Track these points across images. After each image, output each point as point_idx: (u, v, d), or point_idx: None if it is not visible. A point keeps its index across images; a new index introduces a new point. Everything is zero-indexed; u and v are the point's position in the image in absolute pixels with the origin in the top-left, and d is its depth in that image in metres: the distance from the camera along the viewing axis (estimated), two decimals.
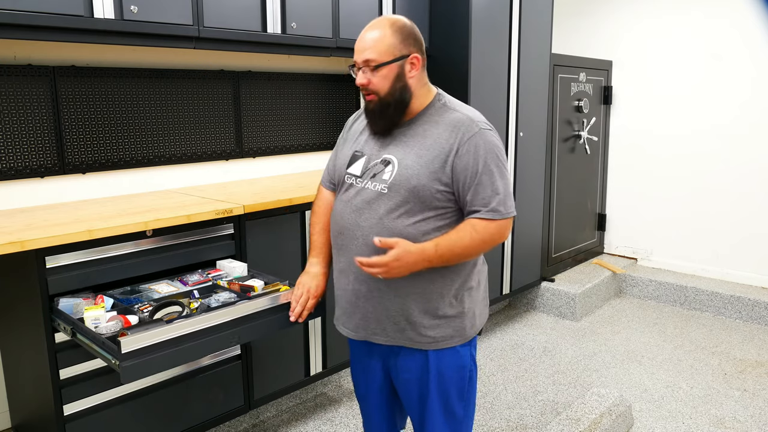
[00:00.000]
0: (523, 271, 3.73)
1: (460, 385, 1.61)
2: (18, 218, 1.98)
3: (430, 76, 1.59)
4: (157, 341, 1.53)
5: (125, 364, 1.47)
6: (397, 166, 1.47)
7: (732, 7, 3.90)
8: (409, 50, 1.48)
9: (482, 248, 1.49)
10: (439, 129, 1.49)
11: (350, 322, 1.62)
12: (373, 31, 1.48)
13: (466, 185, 1.45)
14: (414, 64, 1.49)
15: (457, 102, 1.57)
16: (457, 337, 1.57)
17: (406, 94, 1.49)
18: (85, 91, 2.33)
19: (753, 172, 3.93)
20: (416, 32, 1.51)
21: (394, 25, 1.47)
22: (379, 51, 1.46)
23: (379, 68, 1.46)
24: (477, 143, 1.46)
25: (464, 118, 1.49)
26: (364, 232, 1.50)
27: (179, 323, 1.59)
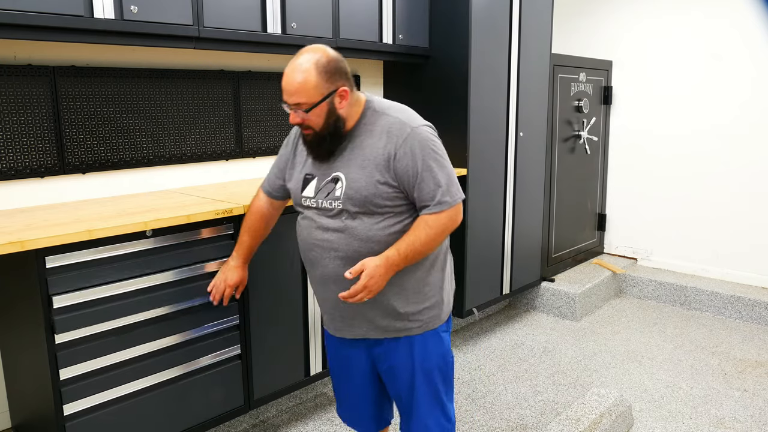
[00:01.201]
0: (523, 271, 3.73)
1: (444, 370, 1.73)
2: (18, 218, 1.98)
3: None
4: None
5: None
6: (345, 181, 1.55)
7: (732, 7, 3.90)
8: (336, 85, 1.51)
9: (440, 238, 1.58)
10: (374, 138, 1.55)
11: (336, 323, 1.73)
12: (299, 73, 1.49)
13: (411, 185, 1.53)
14: (343, 96, 1.53)
15: (386, 104, 1.61)
16: (436, 320, 1.69)
17: (339, 123, 1.55)
18: (85, 91, 2.33)
19: (753, 172, 3.93)
20: (340, 64, 1.53)
21: (318, 65, 1.48)
22: (307, 94, 1.49)
23: (311, 110, 1.51)
24: (412, 144, 1.52)
25: (395, 121, 1.55)
26: (333, 245, 1.59)
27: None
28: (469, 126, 3.13)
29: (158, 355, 2.00)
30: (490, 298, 3.51)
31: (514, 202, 3.54)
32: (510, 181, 3.49)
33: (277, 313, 2.34)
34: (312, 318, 2.49)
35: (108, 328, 1.87)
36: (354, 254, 1.56)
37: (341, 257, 1.58)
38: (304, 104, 1.50)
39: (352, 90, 1.56)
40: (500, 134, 3.38)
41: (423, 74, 3.26)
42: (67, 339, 1.78)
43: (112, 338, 1.88)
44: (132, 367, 1.94)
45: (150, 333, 1.96)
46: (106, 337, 1.87)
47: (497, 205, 3.43)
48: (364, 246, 1.56)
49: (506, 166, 3.45)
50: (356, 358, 1.76)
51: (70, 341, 1.79)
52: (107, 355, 1.87)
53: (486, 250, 3.40)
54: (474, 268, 3.31)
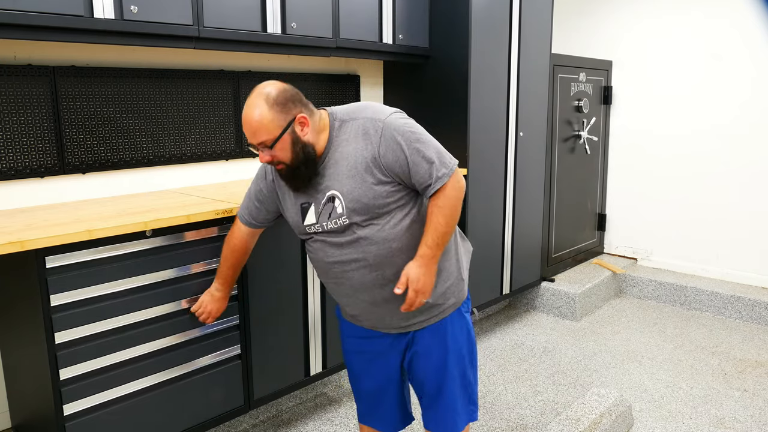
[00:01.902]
0: (523, 271, 3.73)
1: (470, 349, 1.76)
2: (18, 218, 1.98)
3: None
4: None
5: None
6: (342, 196, 1.55)
7: (732, 7, 3.90)
8: (292, 114, 1.52)
9: (456, 210, 1.58)
10: (351, 145, 1.55)
11: (369, 323, 1.74)
12: (253, 113, 1.51)
13: (405, 174, 1.54)
14: (303, 123, 1.53)
15: (350, 109, 1.61)
16: (460, 297, 1.73)
17: (308, 150, 1.54)
18: (85, 91, 2.33)
19: (753, 172, 3.93)
20: (290, 93, 1.53)
21: (268, 100, 1.50)
22: (266, 130, 1.51)
23: (275, 144, 1.52)
24: (390, 135, 1.52)
25: (366, 121, 1.55)
26: (354, 257, 1.60)
27: None
28: (469, 126, 3.13)
29: (158, 355, 2.00)
30: (490, 298, 3.51)
31: (514, 202, 3.54)
32: (510, 181, 3.49)
33: (277, 313, 2.34)
34: (312, 318, 2.49)
35: (108, 328, 1.87)
36: (376, 259, 1.57)
37: (364, 266, 1.59)
38: (267, 141, 1.52)
39: (312, 115, 1.56)
40: (500, 134, 3.38)
41: (423, 74, 3.26)
42: (67, 339, 1.78)
43: (112, 338, 1.88)
44: (132, 367, 1.94)
45: (150, 333, 1.97)
46: (106, 337, 1.87)
47: (497, 205, 3.43)
48: (383, 247, 1.57)
49: (506, 166, 3.45)
50: (381, 353, 1.76)
51: (70, 341, 1.79)
52: (107, 355, 1.87)
53: (486, 250, 3.40)
54: (474, 268, 3.28)
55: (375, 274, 1.60)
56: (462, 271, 1.74)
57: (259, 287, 2.25)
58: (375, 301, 1.65)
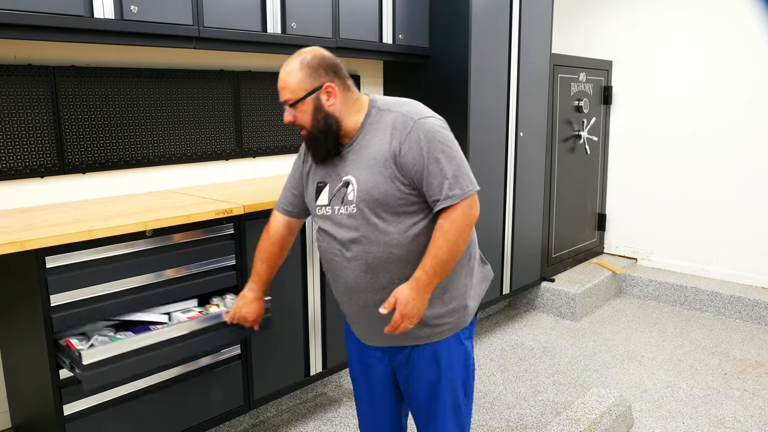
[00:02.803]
0: (523, 271, 3.73)
1: (465, 377, 1.67)
2: (18, 218, 1.98)
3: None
4: (118, 353, 1.73)
5: (86, 373, 1.66)
6: (357, 183, 1.52)
7: (732, 7, 3.90)
8: (321, 81, 1.51)
9: (462, 238, 1.50)
10: (379, 135, 1.52)
11: (368, 334, 1.68)
12: (284, 70, 1.53)
13: (419, 179, 1.49)
14: (330, 93, 1.52)
15: (391, 101, 1.58)
16: (459, 324, 1.63)
17: (331, 122, 1.52)
18: (85, 91, 2.33)
19: (753, 171, 3.93)
20: (327, 61, 1.53)
21: (303, 61, 1.51)
22: (292, 90, 1.52)
23: (296, 105, 1.52)
24: (417, 137, 1.48)
25: (398, 116, 1.52)
26: (353, 254, 1.55)
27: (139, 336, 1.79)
28: (469, 126, 3.13)
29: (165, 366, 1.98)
30: (490, 298, 3.51)
31: (514, 202, 3.54)
32: (510, 181, 3.49)
33: (277, 313, 2.34)
34: (312, 318, 2.49)
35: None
36: (374, 261, 1.53)
37: (361, 266, 1.54)
38: (290, 99, 1.52)
39: (348, 90, 1.55)
40: (500, 134, 3.38)
41: (423, 74, 3.26)
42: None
43: None
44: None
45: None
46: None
47: (497, 205, 3.43)
48: (383, 251, 1.52)
49: (506, 166, 3.45)
50: (376, 365, 1.72)
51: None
52: None
53: (486, 250, 3.39)
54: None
55: (370, 277, 1.55)
56: (468, 297, 1.64)
57: None
58: (365, 305, 1.60)
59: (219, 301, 2.10)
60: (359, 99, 1.58)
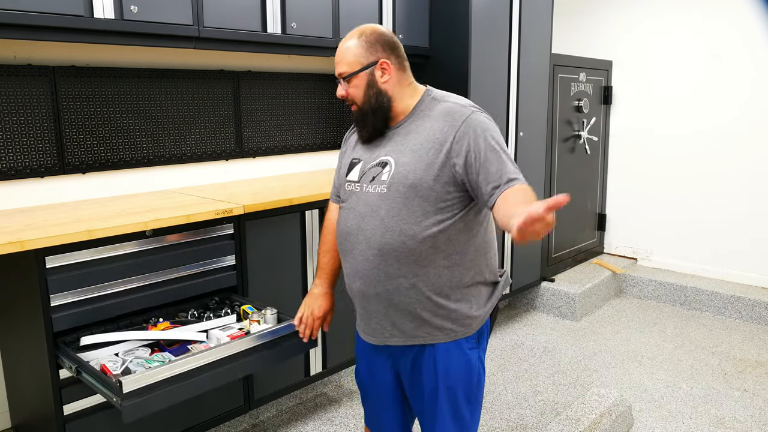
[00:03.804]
0: (523, 271, 3.73)
1: (467, 387, 1.61)
2: (18, 218, 1.98)
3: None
4: (159, 379, 1.56)
5: (126, 403, 1.50)
6: (394, 165, 1.49)
7: (732, 7, 3.90)
8: (377, 57, 1.51)
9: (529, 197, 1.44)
10: (431, 122, 1.50)
11: (365, 326, 1.64)
12: (343, 43, 1.53)
13: (473, 167, 1.44)
14: (385, 69, 1.51)
15: (447, 93, 1.59)
16: (463, 331, 1.56)
17: (382, 99, 1.52)
18: (85, 91, 2.33)
19: (753, 172, 3.93)
20: (386, 38, 1.53)
21: (361, 36, 1.52)
22: (347, 63, 1.52)
23: (350, 79, 1.52)
24: (473, 125, 1.47)
25: (454, 106, 1.52)
26: (366, 235, 1.51)
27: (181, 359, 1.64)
28: None
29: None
30: None
31: None
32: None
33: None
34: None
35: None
36: (385, 246, 1.47)
37: (372, 247, 1.49)
38: (344, 73, 1.52)
39: (404, 71, 1.55)
40: (500, 134, 3.37)
41: (423, 74, 3.24)
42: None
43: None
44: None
45: None
46: None
47: None
48: (397, 239, 1.46)
49: None
50: (382, 367, 1.69)
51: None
52: None
53: None
54: None
55: (378, 262, 1.49)
56: (474, 307, 1.56)
57: (260, 287, 2.25)
58: (366, 294, 1.56)
59: (258, 317, 1.95)
60: (414, 84, 1.58)
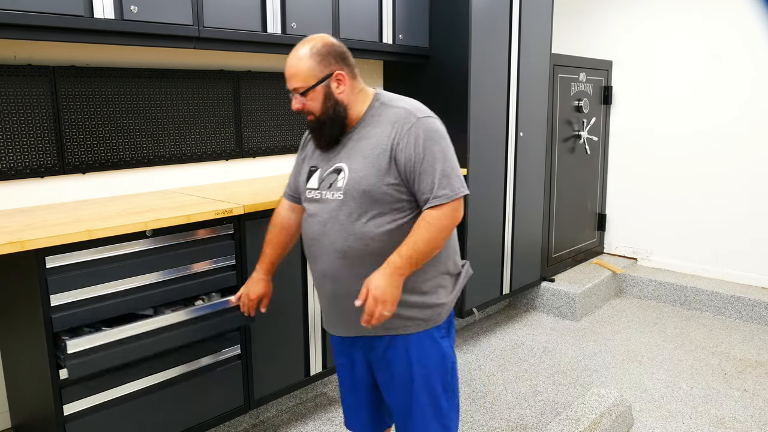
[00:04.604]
0: (523, 271, 3.73)
1: (443, 375, 1.66)
2: (18, 218, 1.98)
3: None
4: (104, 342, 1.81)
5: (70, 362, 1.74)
6: (348, 172, 1.54)
7: (732, 7, 3.90)
8: (331, 69, 1.53)
9: (443, 234, 1.52)
10: (380, 128, 1.55)
11: (333, 320, 1.71)
12: (294, 58, 1.54)
13: (411, 175, 1.51)
14: (340, 80, 1.54)
15: (395, 97, 1.62)
16: (433, 320, 1.63)
17: (340, 109, 1.55)
18: (85, 91, 2.33)
19: (753, 172, 3.93)
20: (337, 49, 1.55)
21: (312, 49, 1.53)
22: (303, 78, 1.53)
23: (306, 93, 1.54)
24: (416, 133, 1.51)
25: (402, 111, 1.55)
26: (330, 240, 1.57)
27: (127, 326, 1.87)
28: (469, 126, 3.13)
29: (158, 355, 1.99)
30: (490, 298, 3.51)
31: (514, 202, 3.54)
32: (510, 181, 3.49)
33: (277, 313, 2.34)
34: (312, 318, 2.49)
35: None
36: (349, 250, 1.54)
37: (338, 252, 1.56)
38: (300, 88, 1.54)
39: (355, 78, 1.58)
40: (500, 134, 3.38)
41: (423, 74, 3.26)
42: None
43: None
44: (132, 367, 1.94)
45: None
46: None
47: (497, 205, 3.43)
48: (359, 242, 1.53)
49: (506, 166, 3.45)
50: (357, 359, 1.73)
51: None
52: None
53: (486, 250, 3.40)
54: (474, 268, 3.29)
55: (344, 264, 1.56)
56: (441, 295, 1.63)
57: None
58: (336, 294, 1.62)
59: (204, 297, 2.14)
60: (364, 89, 1.61)
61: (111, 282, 1.86)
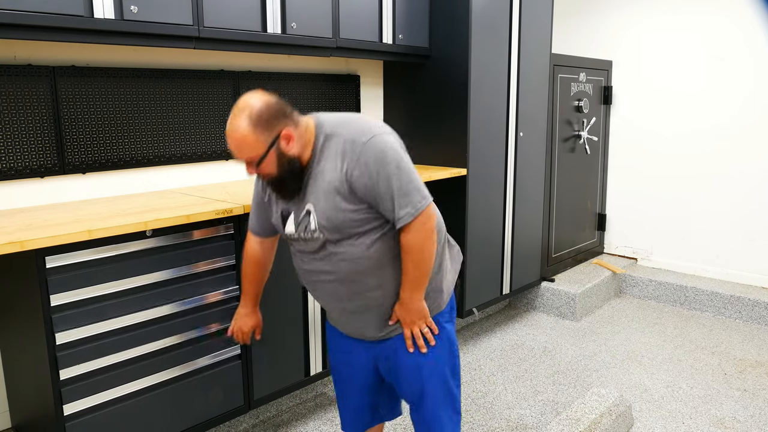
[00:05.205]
0: (523, 271, 3.73)
1: (451, 360, 1.73)
2: (18, 218, 1.98)
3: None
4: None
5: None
6: (315, 212, 1.54)
7: (732, 7, 3.90)
8: (276, 131, 1.47)
9: (426, 251, 1.55)
10: (330, 161, 1.51)
11: (345, 327, 1.75)
12: (237, 131, 1.46)
13: (373, 200, 1.51)
14: (288, 138, 1.49)
15: (334, 121, 1.56)
16: (435, 309, 1.69)
17: (294, 162, 1.52)
18: (85, 91, 2.33)
19: (753, 171, 3.93)
20: (273, 107, 1.48)
21: (251, 118, 1.45)
22: (251, 149, 1.48)
23: (260, 162, 1.50)
24: (365, 160, 1.47)
25: (347, 140, 1.50)
26: (325, 269, 1.60)
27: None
28: (469, 126, 3.13)
29: (158, 356, 2.00)
30: (490, 298, 3.51)
31: (514, 202, 3.54)
32: (510, 181, 3.49)
33: (277, 313, 2.34)
34: (312, 318, 2.49)
35: (108, 328, 1.87)
36: (346, 275, 1.58)
37: (335, 279, 1.60)
38: (252, 159, 1.50)
39: (297, 126, 1.52)
40: (500, 134, 3.38)
41: (423, 74, 3.26)
42: (68, 339, 1.78)
43: (112, 338, 1.88)
44: (132, 367, 1.94)
45: (150, 333, 1.97)
46: (106, 338, 1.87)
47: (497, 205, 3.43)
48: (353, 265, 1.56)
49: (506, 166, 3.45)
50: (359, 354, 1.76)
51: (70, 341, 1.79)
52: (107, 356, 1.87)
53: (486, 250, 3.40)
54: (474, 268, 3.31)
55: (345, 288, 1.60)
56: (442, 282, 1.69)
57: None
58: (348, 310, 1.67)
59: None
60: (306, 125, 1.55)
61: (111, 282, 1.86)
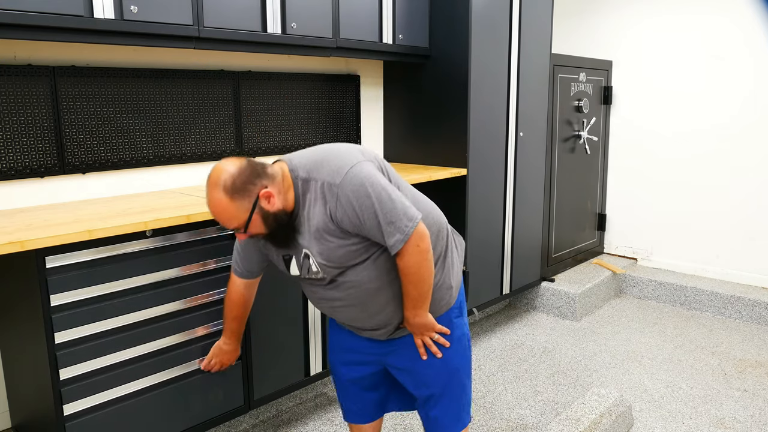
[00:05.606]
0: (523, 271, 3.73)
1: (463, 354, 1.76)
2: (18, 218, 1.98)
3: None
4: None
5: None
6: (313, 256, 1.56)
7: (732, 7, 3.90)
8: (255, 193, 1.46)
9: (421, 273, 1.55)
10: (315, 206, 1.51)
11: (358, 331, 1.77)
12: (216, 207, 1.47)
13: (363, 233, 1.52)
14: (268, 196, 1.47)
15: (309, 163, 1.53)
16: (444, 304, 1.71)
17: (281, 216, 1.51)
18: (85, 91, 2.33)
19: (753, 171, 3.93)
20: (245, 171, 1.46)
21: (226, 190, 1.44)
22: (235, 219, 1.48)
23: (247, 228, 1.50)
24: (345, 200, 1.47)
25: (323, 184, 1.49)
26: (337, 297, 1.64)
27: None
28: (469, 126, 3.13)
29: (158, 355, 2.00)
30: (490, 298, 3.51)
31: (514, 202, 3.54)
32: (510, 181, 3.49)
33: (277, 313, 2.34)
34: (312, 318, 2.49)
35: (108, 328, 1.87)
36: (358, 300, 1.62)
37: (348, 305, 1.64)
38: (238, 227, 1.50)
39: (274, 181, 1.50)
40: (500, 134, 3.38)
41: (423, 74, 3.26)
42: (67, 339, 1.78)
43: (112, 338, 1.88)
44: (132, 367, 1.94)
45: (150, 333, 1.97)
46: (106, 337, 1.87)
47: (497, 205, 3.43)
48: (363, 292, 1.60)
49: (506, 166, 3.45)
50: (366, 351, 1.78)
51: (70, 341, 1.79)
52: (107, 355, 1.87)
53: (486, 250, 3.40)
54: (474, 268, 3.31)
55: (360, 310, 1.64)
56: (450, 277, 1.71)
57: (260, 287, 2.25)
58: (365, 327, 1.71)
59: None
60: (283, 175, 1.53)
61: (111, 282, 1.86)
